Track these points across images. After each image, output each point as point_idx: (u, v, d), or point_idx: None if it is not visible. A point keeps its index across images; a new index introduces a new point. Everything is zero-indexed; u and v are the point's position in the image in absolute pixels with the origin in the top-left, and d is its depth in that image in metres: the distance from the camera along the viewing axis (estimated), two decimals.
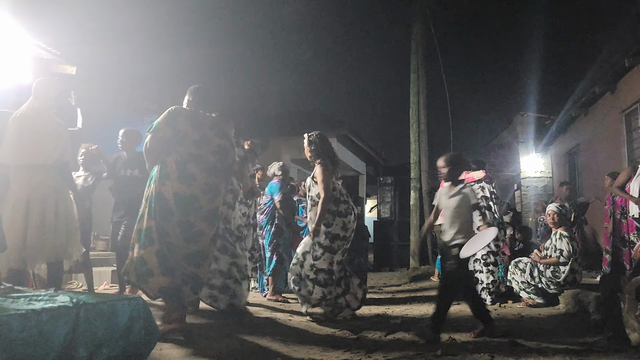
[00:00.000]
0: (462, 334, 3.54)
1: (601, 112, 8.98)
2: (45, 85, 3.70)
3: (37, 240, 3.31)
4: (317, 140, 4.31)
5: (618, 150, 8.16)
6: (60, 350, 1.94)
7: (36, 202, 3.34)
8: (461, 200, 3.45)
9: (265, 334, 3.43)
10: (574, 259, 4.81)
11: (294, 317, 4.26)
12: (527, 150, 12.39)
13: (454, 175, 3.55)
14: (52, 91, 3.70)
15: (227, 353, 2.86)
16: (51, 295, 2.23)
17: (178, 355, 2.77)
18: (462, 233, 3.39)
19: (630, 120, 8.13)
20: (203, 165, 3.20)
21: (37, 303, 2.03)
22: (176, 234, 3.08)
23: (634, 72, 7.57)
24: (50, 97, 3.66)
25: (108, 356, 2.13)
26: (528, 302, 4.99)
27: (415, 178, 9.84)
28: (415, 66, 9.99)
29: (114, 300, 2.30)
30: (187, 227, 3.11)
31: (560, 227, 5.00)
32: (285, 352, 3.00)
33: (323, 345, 3.25)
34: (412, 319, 4.33)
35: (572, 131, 10.84)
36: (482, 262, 5.24)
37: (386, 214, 12.67)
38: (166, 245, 3.07)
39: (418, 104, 9.89)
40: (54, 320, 1.94)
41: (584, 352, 2.94)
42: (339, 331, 3.72)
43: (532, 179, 12.30)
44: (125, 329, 2.24)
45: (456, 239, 3.38)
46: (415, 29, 10.04)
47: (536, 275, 4.93)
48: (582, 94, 9.32)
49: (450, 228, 3.43)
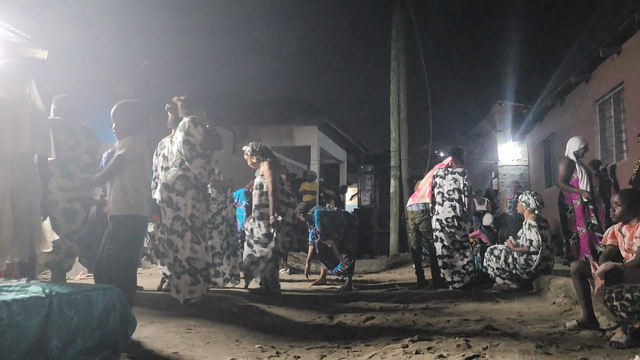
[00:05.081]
0: (439, 318, 3.62)
1: (576, 102, 9.16)
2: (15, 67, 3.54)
3: (23, 232, 3.20)
4: (256, 147, 4.89)
5: (592, 139, 8.33)
6: (33, 341, 1.91)
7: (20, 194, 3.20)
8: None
9: (244, 322, 3.44)
10: (545, 247, 4.93)
11: (272, 305, 4.28)
12: (504, 139, 12.58)
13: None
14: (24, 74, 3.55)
15: (207, 341, 2.86)
16: (23, 285, 2.18)
17: (158, 347, 2.75)
18: None
19: (603, 109, 8.32)
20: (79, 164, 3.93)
21: (8, 294, 1.99)
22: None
23: (607, 62, 7.72)
24: (24, 81, 3.52)
25: (83, 347, 2.11)
26: (503, 287, 5.11)
27: (396, 166, 9.92)
28: (395, 54, 10.00)
29: (89, 290, 2.26)
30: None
31: (529, 216, 5.09)
32: (265, 339, 3.02)
33: (302, 332, 3.28)
34: (390, 303, 4.40)
35: (548, 120, 11.04)
36: (452, 248, 5.38)
37: (367, 202, 12.75)
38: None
39: (398, 93, 9.93)
40: (26, 311, 1.91)
41: (555, 336, 3.05)
42: (317, 318, 3.76)
43: (509, 167, 12.52)
44: (100, 319, 2.21)
45: None
46: (396, 17, 10.03)
47: (510, 262, 5.05)
48: (558, 83, 9.47)
49: None
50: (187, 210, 3.88)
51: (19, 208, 3.05)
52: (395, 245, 9.78)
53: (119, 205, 2.99)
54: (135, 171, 3.02)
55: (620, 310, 2.62)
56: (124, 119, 3.11)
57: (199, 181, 3.96)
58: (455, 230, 5.39)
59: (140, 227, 3.09)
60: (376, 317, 3.78)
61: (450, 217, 5.39)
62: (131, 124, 3.11)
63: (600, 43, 7.48)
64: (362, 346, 2.86)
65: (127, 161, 2.98)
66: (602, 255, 3.37)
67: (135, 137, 3.07)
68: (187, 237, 3.86)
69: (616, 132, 7.81)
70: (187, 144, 3.95)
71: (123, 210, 2.98)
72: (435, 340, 2.92)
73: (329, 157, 14.24)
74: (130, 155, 2.98)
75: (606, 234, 3.38)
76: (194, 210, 3.91)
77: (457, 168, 5.55)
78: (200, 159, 3.97)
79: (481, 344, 2.80)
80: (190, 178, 3.93)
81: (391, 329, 3.33)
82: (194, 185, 3.93)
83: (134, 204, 2.99)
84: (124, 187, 2.99)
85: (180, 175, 3.92)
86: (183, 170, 3.94)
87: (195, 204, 3.92)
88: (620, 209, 3.15)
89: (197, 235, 3.90)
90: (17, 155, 3.09)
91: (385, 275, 7.56)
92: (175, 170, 3.97)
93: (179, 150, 3.98)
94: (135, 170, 3.02)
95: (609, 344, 2.69)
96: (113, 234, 3.00)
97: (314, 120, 12.25)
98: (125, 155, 2.98)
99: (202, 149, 3.99)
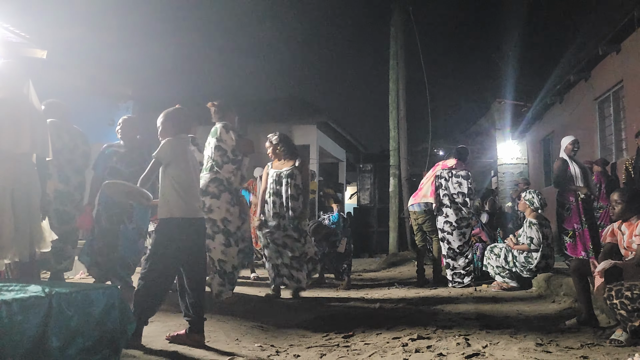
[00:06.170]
0: (438, 317, 3.62)
1: (575, 100, 9.16)
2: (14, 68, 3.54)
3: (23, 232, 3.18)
4: (286, 139, 4.80)
5: (591, 137, 8.36)
6: (33, 340, 1.91)
7: (20, 193, 3.18)
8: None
9: (244, 319, 3.44)
10: (545, 245, 4.93)
11: (272, 302, 4.28)
12: (503, 137, 12.58)
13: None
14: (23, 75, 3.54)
15: (206, 340, 2.86)
16: (22, 285, 2.17)
17: (157, 346, 2.75)
18: None
19: (602, 108, 8.32)
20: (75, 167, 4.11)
21: (7, 293, 1.99)
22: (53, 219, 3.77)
23: (607, 61, 7.72)
24: (22, 81, 3.51)
25: (83, 345, 2.11)
26: (503, 286, 5.12)
27: (395, 165, 9.91)
28: (394, 53, 9.99)
29: (89, 289, 2.26)
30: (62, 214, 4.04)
31: (531, 214, 5.10)
32: (265, 338, 3.02)
33: (301, 330, 3.28)
34: (390, 302, 4.40)
35: (547, 118, 11.04)
36: (457, 252, 5.40)
37: (366, 201, 12.74)
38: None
39: (397, 91, 9.92)
40: (26, 310, 1.91)
41: (555, 333, 3.05)
42: (317, 316, 3.76)
43: (509, 166, 12.52)
44: (100, 318, 2.21)
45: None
46: (395, 15, 10.02)
47: (510, 260, 5.05)
48: (557, 81, 9.48)
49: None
50: (220, 213, 3.95)
51: (19, 208, 3.04)
52: (394, 243, 9.77)
53: (160, 209, 2.87)
54: (178, 173, 2.87)
55: (620, 308, 2.62)
56: (161, 122, 3.01)
57: (231, 185, 4.03)
58: (465, 232, 5.45)
59: (182, 229, 2.83)
60: (375, 316, 3.78)
61: (459, 219, 5.42)
62: (171, 128, 2.97)
63: (600, 41, 7.48)
64: (362, 345, 2.87)
65: (159, 163, 2.87)
66: (601, 253, 3.37)
67: (173, 139, 2.97)
68: (217, 239, 3.93)
69: (615, 130, 7.82)
70: (218, 149, 4.03)
71: (163, 213, 2.85)
72: (435, 338, 2.93)
73: (328, 156, 14.23)
74: (163, 156, 2.86)
75: (606, 231, 3.38)
76: (227, 214, 3.97)
77: (460, 171, 5.52)
78: (231, 165, 4.04)
79: (481, 342, 2.80)
80: (222, 181, 4.00)
81: (390, 327, 3.33)
82: (227, 189, 4.00)
83: (172, 207, 2.83)
84: (164, 190, 2.87)
85: (213, 178, 3.99)
86: (214, 173, 4.01)
87: (229, 207, 3.98)
88: (620, 207, 3.16)
89: (229, 239, 3.96)
90: (16, 155, 3.09)
91: (384, 273, 7.56)
92: (207, 174, 4.03)
93: (210, 155, 4.05)
94: (177, 172, 2.87)
95: (609, 342, 2.69)
96: (154, 236, 2.94)
97: (313, 119, 12.22)
98: (156, 156, 2.88)
99: (234, 154, 4.06)
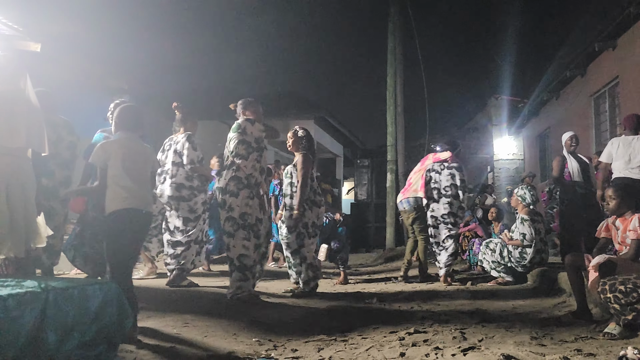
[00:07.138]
0: (434, 311, 3.64)
1: (571, 96, 9.19)
2: (10, 61, 3.51)
3: (19, 227, 3.17)
4: (305, 135, 4.68)
5: (586, 133, 8.38)
6: (29, 336, 1.91)
7: (16, 188, 3.17)
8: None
9: (242, 314, 3.45)
10: (539, 240, 4.96)
11: (270, 297, 4.30)
12: (500, 133, 12.60)
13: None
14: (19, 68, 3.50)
15: (204, 335, 2.87)
16: (18, 280, 2.17)
17: (155, 341, 2.76)
18: None
19: (598, 104, 8.35)
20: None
21: (3, 289, 1.98)
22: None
23: (603, 57, 7.74)
24: (19, 75, 3.48)
25: (79, 341, 2.11)
26: (498, 281, 5.15)
27: (392, 160, 9.92)
28: (392, 48, 9.97)
29: (85, 284, 2.26)
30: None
31: (523, 210, 5.12)
32: (262, 333, 3.03)
33: (299, 325, 3.29)
34: (387, 297, 4.42)
35: (543, 114, 11.07)
36: (442, 246, 5.33)
37: (363, 196, 12.75)
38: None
39: (395, 86, 9.91)
40: (22, 306, 1.90)
41: (550, 327, 3.08)
42: (315, 311, 3.77)
43: (505, 161, 12.55)
44: (97, 314, 2.21)
45: None
46: (393, 10, 9.99)
47: (505, 255, 5.08)
48: (554, 77, 9.49)
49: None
50: (239, 210, 4.01)
51: (15, 202, 3.02)
52: (391, 239, 9.79)
53: (106, 205, 2.92)
54: (114, 173, 2.89)
55: (614, 302, 2.65)
56: (114, 119, 3.11)
57: (250, 180, 4.08)
58: (451, 226, 5.32)
59: (124, 221, 2.87)
60: (372, 310, 3.80)
61: (446, 214, 5.31)
62: (117, 124, 3.07)
63: (596, 37, 7.49)
64: (359, 339, 2.88)
65: (93, 165, 3.01)
66: (596, 248, 3.40)
67: (105, 143, 2.99)
68: (238, 235, 3.99)
69: (611, 126, 7.84)
70: (242, 143, 4.09)
71: (109, 207, 2.87)
72: (432, 332, 2.94)
73: (326, 151, 14.23)
74: (96, 160, 2.91)
75: (600, 226, 3.41)
76: (246, 207, 4.03)
77: (453, 163, 5.48)
78: (255, 153, 4.14)
79: (477, 335, 2.83)
80: (242, 178, 4.05)
81: (387, 321, 3.35)
82: (246, 185, 4.06)
83: (116, 200, 2.86)
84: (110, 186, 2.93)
85: (233, 176, 4.05)
86: (234, 171, 4.06)
87: (248, 201, 4.04)
88: (615, 202, 3.19)
89: (249, 232, 4.03)
90: (12, 149, 3.07)
91: (381, 268, 7.59)
92: (226, 172, 4.09)
93: (232, 151, 4.10)
94: (113, 172, 2.89)
95: (602, 336, 2.72)
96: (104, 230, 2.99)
97: (310, 114, 12.21)
98: (90, 160, 3.01)
99: (257, 143, 4.16)
